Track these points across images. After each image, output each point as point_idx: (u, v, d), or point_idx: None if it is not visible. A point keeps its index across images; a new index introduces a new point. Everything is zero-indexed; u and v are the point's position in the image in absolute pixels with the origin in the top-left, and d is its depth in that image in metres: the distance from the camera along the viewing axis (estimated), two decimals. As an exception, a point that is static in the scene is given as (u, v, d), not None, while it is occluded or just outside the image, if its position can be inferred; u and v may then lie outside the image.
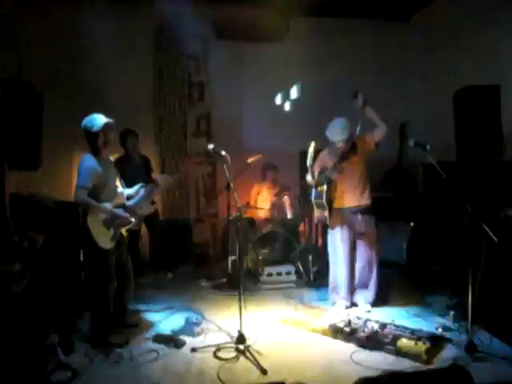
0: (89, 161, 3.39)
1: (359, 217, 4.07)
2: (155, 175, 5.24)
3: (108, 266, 3.51)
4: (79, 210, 4.47)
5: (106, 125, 3.39)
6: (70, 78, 5.68)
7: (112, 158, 3.77)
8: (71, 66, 5.66)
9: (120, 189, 3.75)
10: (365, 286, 4.22)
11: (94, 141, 3.41)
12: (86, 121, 3.41)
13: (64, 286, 4.08)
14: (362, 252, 4.16)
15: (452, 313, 3.88)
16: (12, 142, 3.63)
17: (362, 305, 4.21)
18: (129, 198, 3.74)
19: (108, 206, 3.48)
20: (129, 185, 3.86)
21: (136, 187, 3.80)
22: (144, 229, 5.24)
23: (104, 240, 3.45)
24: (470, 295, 3.21)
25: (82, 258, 4.34)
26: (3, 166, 3.38)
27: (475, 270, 3.26)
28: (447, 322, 3.83)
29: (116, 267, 3.60)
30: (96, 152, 3.44)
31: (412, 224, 5.23)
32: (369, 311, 4.13)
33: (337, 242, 4.19)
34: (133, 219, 3.65)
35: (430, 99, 6.26)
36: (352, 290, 4.24)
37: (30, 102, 3.98)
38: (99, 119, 3.41)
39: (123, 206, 3.66)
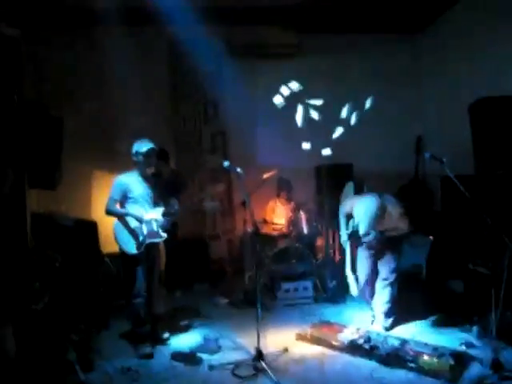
0: (119, 178, 3.85)
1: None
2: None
3: (132, 270, 3.75)
4: (97, 229, 4.59)
5: (149, 150, 3.81)
6: (88, 99, 5.82)
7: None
8: (89, 87, 5.81)
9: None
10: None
11: (138, 162, 3.83)
12: (135, 144, 3.85)
13: (82, 303, 4.12)
14: (382, 270, 4.13)
15: (476, 329, 3.78)
16: (32, 161, 3.72)
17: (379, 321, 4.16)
18: (165, 214, 3.94)
19: (127, 211, 3.78)
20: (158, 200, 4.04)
21: (158, 210, 3.90)
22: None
23: (128, 246, 3.73)
24: (493, 310, 3.13)
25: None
26: (24, 186, 3.46)
27: (498, 284, 3.18)
28: (471, 338, 3.72)
29: (146, 276, 3.81)
30: (140, 171, 3.87)
31: (431, 238, 5.14)
32: (386, 328, 4.07)
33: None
34: (164, 234, 3.89)
35: (445, 111, 6.22)
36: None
37: (51, 124, 4.08)
38: (144, 145, 3.81)
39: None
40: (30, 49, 4.94)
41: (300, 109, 5.53)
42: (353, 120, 5.94)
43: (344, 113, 5.75)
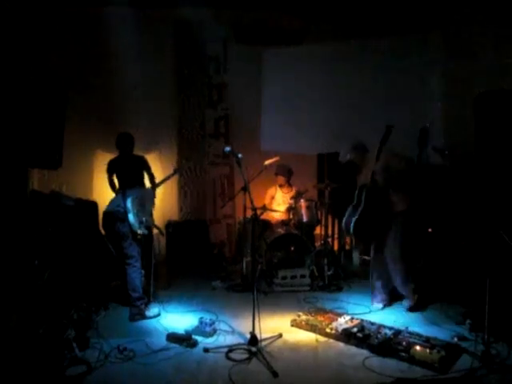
0: None
1: None
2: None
3: None
4: (97, 209, 4.64)
5: None
6: (92, 78, 5.79)
7: None
8: (94, 67, 5.77)
9: None
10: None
11: None
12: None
13: (81, 282, 4.17)
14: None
15: (468, 322, 3.80)
16: (33, 140, 3.67)
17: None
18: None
19: None
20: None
21: None
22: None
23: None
24: (487, 304, 3.15)
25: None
26: (24, 165, 3.46)
27: (493, 279, 3.19)
28: (464, 330, 3.75)
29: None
30: None
31: (430, 230, 5.14)
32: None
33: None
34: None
35: (450, 104, 6.15)
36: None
37: (54, 97, 3.96)
38: None
39: None
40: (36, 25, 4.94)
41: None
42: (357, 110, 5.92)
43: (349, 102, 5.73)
